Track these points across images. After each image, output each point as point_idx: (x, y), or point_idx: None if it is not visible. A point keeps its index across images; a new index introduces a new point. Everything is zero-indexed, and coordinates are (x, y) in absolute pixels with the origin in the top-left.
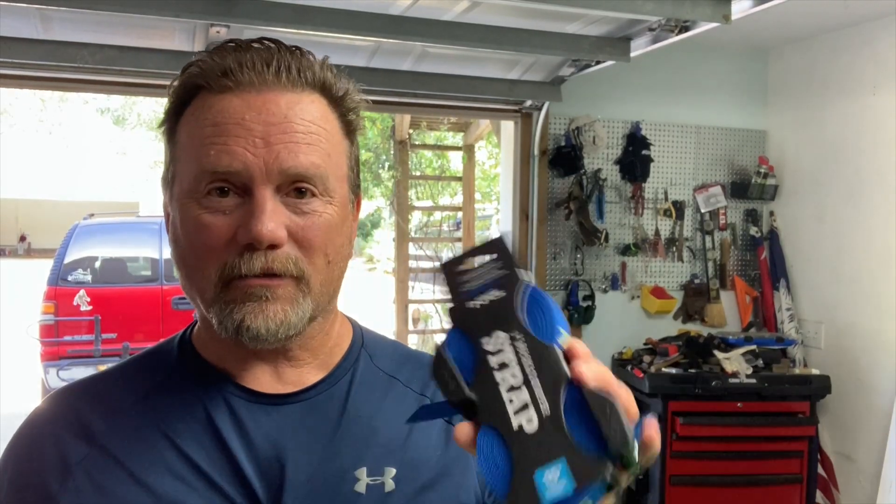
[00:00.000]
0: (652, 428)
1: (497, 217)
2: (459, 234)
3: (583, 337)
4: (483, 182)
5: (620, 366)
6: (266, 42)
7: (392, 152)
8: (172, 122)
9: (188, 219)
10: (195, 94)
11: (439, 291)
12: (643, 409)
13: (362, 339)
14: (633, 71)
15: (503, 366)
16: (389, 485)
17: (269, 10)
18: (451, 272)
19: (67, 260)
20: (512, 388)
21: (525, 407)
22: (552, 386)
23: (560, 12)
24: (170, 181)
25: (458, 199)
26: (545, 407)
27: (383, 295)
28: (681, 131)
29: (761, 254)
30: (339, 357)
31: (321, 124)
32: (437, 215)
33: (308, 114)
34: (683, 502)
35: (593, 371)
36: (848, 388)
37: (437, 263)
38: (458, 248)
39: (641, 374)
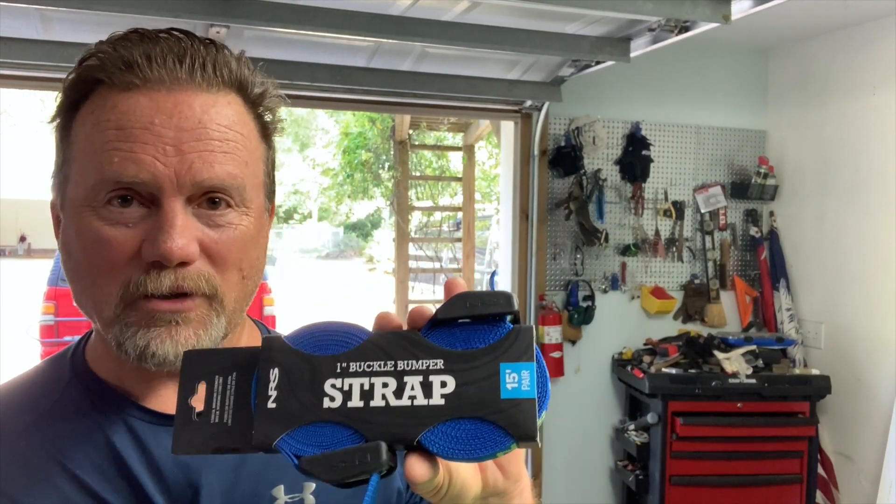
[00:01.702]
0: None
1: (497, 217)
2: (459, 234)
3: (583, 337)
4: (483, 182)
5: (620, 366)
6: (176, 33)
7: (392, 152)
8: (67, 119)
9: (84, 229)
10: (94, 88)
11: None
12: (643, 409)
13: None
14: (633, 71)
15: (367, 393)
16: (310, 500)
17: (269, 10)
18: (193, 424)
19: None
20: (398, 393)
21: (426, 385)
22: (418, 347)
23: (560, 12)
24: (62, 182)
25: (458, 200)
26: (435, 363)
27: (383, 295)
28: (681, 131)
29: (761, 254)
30: None
31: (238, 129)
32: (437, 215)
33: (225, 118)
34: (683, 502)
35: (416, 308)
36: (848, 388)
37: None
38: (458, 248)
39: (641, 375)
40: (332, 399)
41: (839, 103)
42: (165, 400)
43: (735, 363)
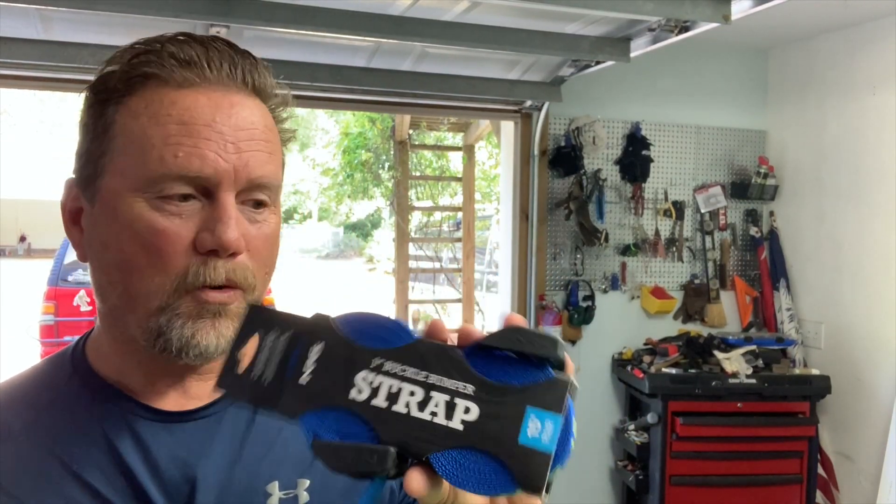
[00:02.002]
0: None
1: (497, 217)
2: (459, 234)
3: (583, 337)
4: (483, 182)
5: (620, 366)
6: (221, 41)
7: (392, 152)
8: (108, 112)
9: (134, 220)
10: (144, 83)
11: (445, 291)
12: (643, 409)
13: None
14: (633, 71)
15: (393, 396)
16: (304, 497)
17: (269, 10)
18: (235, 373)
19: (67, 260)
20: (422, 405)
21: (451, 406)
22: (455, 367)
23: (560, 12)
24: (94, 174)
25: (458, 200)
26: (466, 387)
27: (383, 295)
28: (681, 131)
29: (761, 254)
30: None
31: (275, 134)
32: (437, 215)
33: (267, 122)
34: (683, 502)
35: (467, 327)
36: (848, 388)
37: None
38: (458, 248)
39: (641, 375)
40: (360, 391)
41: (839, 103)
42: (165, 397)
43: (735, 363)
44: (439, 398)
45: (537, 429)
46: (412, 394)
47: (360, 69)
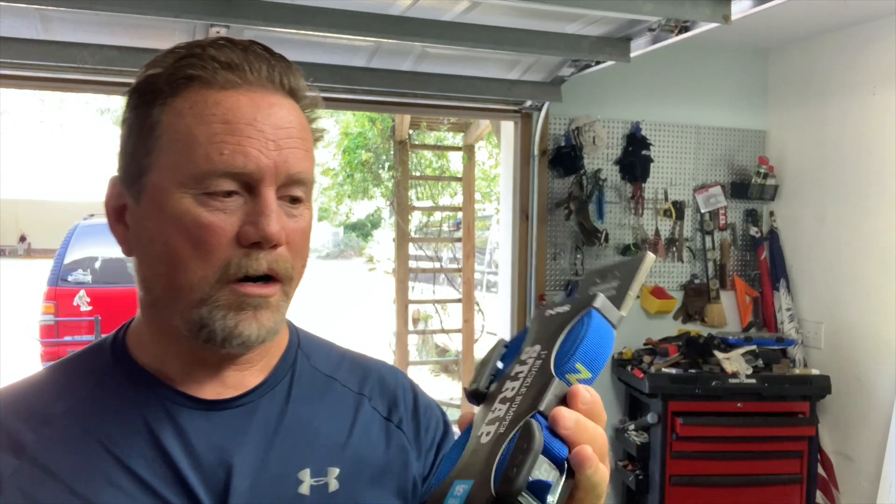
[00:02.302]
0: None
1: (497, 217)
2: (459, 234)
3: None
4: (483, 182)
5: (620, 366)
6: (258, 45)
7: (392, 152)
8: (155, 112)
9: (182, 214)
10: (188, 85)
11: (445, 291)
12: (643, 409)
13: (298, 340)
14: (633, 71)
15: (515, 377)
16: (333, 484)
17: (269, 10)
18: (586, 282)
19: (67, 260)
20: (503, 400)
21: (495, 420)
22: (523, 412)
23: (560, 12)
24: (139, 172)
25: (458, 200)
26: (503, 427)
27: (383, 295)
28: (681, 131)
29: (761, 254)
30: (278, 358)
31: (309, 133)
32: (437, 215)
33: (301, 121)
34: (683, 502)
35: (566, 422)
36: (848, 388)
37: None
38: (458, 248)
39: (641, 374)
40: (523, 352)
41: (839, 103)
42: (203, 386)
43: (735, 363)
44: (504, 409)
45: (458, 493)
46: (512, 389)
47: (360, 69)
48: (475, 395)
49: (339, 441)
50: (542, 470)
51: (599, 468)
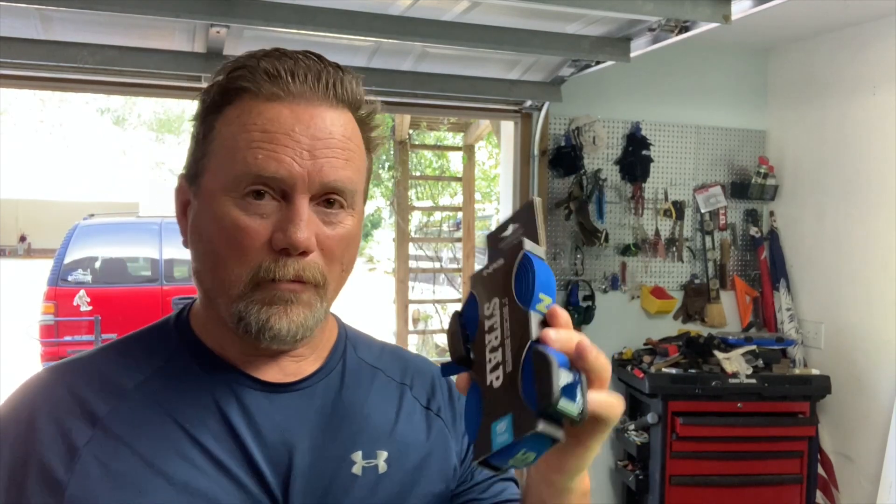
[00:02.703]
0: (603, 397)
1: (497, 217)
2: (459, 234)
3: None
4: (483, 182)
5: (620, 366)
6: (312, 55)
7: (392, 152)
8: (211, 118)
9: (222, 216)
10: (240, 95)
11: (445, 291)
12: (644, 409)
13: (346, 333)
14: (633, 71)
15: (492, 328)
16: (382, 467)
17: (269, 10)
18: (492, 241)
19: (67, 260)
20: (493, 349)
21: (497, 366)
22: (518, 347)
23: (560, 12)
24: (197, 173)
25: (458, 200)
26: (508, 366)
27: (383, 295)
28: (681, 131)
29: (761, 254)
30: (329, 349)
31: (356, 142)
32: (437, 215)
33: (347, 130)
34: (683, 502)
35: (558, 335)
36: (848, 388)
37: (486, 233)
38: (458, 248)
39: (641, 375)
40: (488, 307)
41: (839, 103)
42: (263, 370)
43: (735, 363)
44: (499, 355)
45: (502, 430)
46: (496, 338)
47: (360, 69)
48: (463, 360)
49: (386, 427)
50: (563, 377)
51: (600, 354)
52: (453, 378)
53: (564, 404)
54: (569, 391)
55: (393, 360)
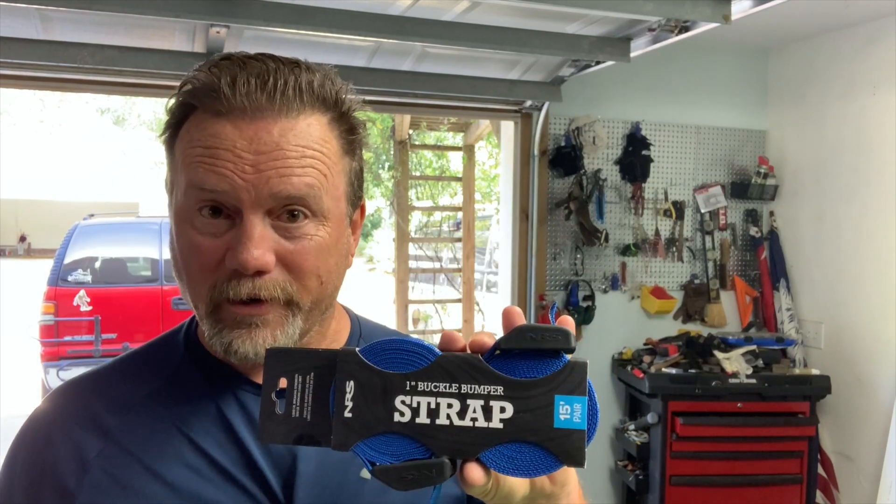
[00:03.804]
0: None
1: (497, 217)
2: (459, 234)
3: (583, 337)
4: (483, 182)
5: (620, 366)
6: (262, 57)
7: (392, 152)
8: (171, 136)
9: (181, 235)
10: (191, 111)
11: (445, 291)
12: (643, 409)
13: (360, 330)
14: (633, 71)
15: (433, 412)
16: None
17: (269, 10)
18: (274, 419)
19: (67, 260)
20: (461, 413)
21: (487, 409)
22: (481, 373)
23: (560, 12)
24: (170, 193)
25: (458, 200)
26: (496, 389)
27: (383, 295)
28: (681, 131)
29: (761, 254)
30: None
31: (318, 147)
32: (437, 215)
33: (302, 139)
34: (683, 502)
35: (478, 336)
36: (848, 388)
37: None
38: (458, 248)
39: (641, 375)
40: (402, 414)
41: (839, 103)
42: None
43: (735, 363)
44: (475, 404)
45: (567, 412)
46: (450, 406)
47: (360, 69)
48: (451, 467)
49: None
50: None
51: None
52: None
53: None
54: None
55: None
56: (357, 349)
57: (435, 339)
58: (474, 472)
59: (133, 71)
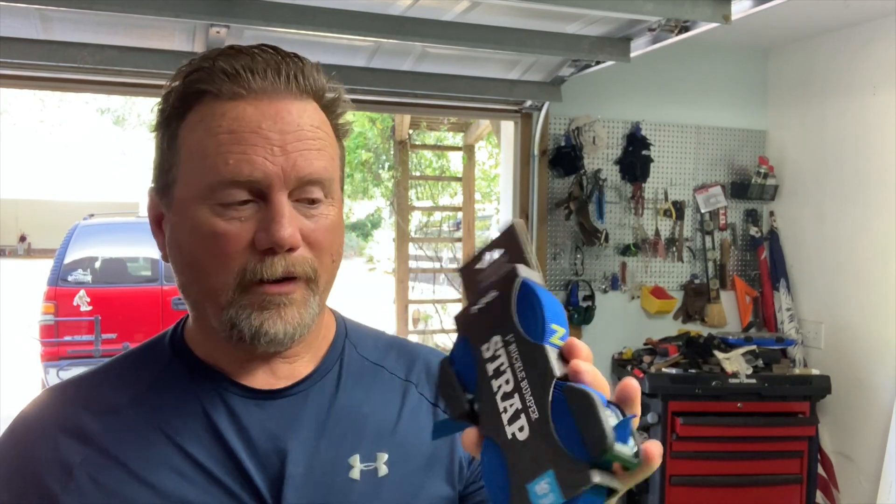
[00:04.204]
0: (652, 444)
1: (497, 217)
2: (459, 234)
3: (583, 337)
4: (483, 182)
5: (620, 366)
6: (268, 49)
7: (392, 152)
8: (173, 127)
9: (200, 225)
10: (200, 99)
11: (445, 291)
12: (643, 409)
13: (346, 330)
14: (633, 71)
15: (498, 372)
16: (383, 470)
17: (269, 10)
18: (467, 274)
19: (67, 260)
20: (506, 396)
21: (517, 414)
22: (541, 389)
23: (560, 12)
24: (167, 185)
25: (458, 200)
26: (534, 412)
27: (383, 295)
28: (681, 131)
29: (761, 254)
30: (326, 348)
31: (325, 130)
32: (437, 215)
33: (315, 120)
34: (683, 502)
35: (588, 367)
36: (848, 388)
37: (457, 266)
38: (458, 248)
39: (641, 374)
40: (487, 350)
41: (839, 103)
42: (255, 377)
43: (735, 363)
44: (516, 402)
45: (543, 492)
46: (507, 382)
47: (360, 69)
48: (465, 415)
49: (387, 427)
50: (609, 416)
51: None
52: (459, 434)
53: (620, 448)
54: (620, 433)
55: (399, 356)
56: (520, 277)
57: (435, 339)
58: (469, 441)
59: (133, 71)
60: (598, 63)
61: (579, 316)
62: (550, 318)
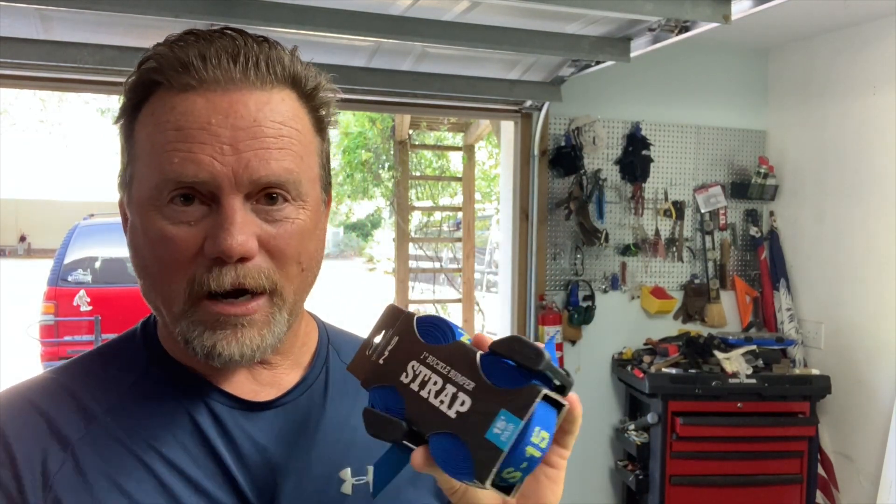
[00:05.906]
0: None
1: (497, 217)
2: (459, 234)
3: (583, 337)
4: (483, 182)
5: (620, 366)
6: (230, 32)
7: (392, 152)
8: (129, 120)
9: (150, 228)
10: (153, 90)
11: (445, 290)
12: (643, 409)
13: (328, 336)
14: (633, 71)
15: (424, 383)
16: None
17: (269, 10)
18: (363, 353)
19: (67, 260)
20: (438, 392)
21: (454, 396)
22: (468, 366)
23: (560, 12)
24: (128, 182)
25: (458, 200)
26: (468, 384)
27: (383, 295)
28: (681, 131)
29: (761, 254)
30: (310, 356)
31: (292, 125)
32: (437, 215)
33: (278, 114)
34: (683, 502)
35: (480, 335)
36: (848, 388)
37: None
38: (458, 248)
39: (641, 375)
40: (407, 376)
41: (839, 103)
42: (240, 383)
43: (735, 363)
44: (450, 390)
45: (502, 428)
46: (435, 383)
47: (360, 69)
48: (407, 436)
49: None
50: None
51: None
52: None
53: (554, 365)
54: (548, 347)
55: None
56: (416, 315)
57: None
58: (418, 456)
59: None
60: (598, 63)
61: (579, 316)
62: (455, 327)
